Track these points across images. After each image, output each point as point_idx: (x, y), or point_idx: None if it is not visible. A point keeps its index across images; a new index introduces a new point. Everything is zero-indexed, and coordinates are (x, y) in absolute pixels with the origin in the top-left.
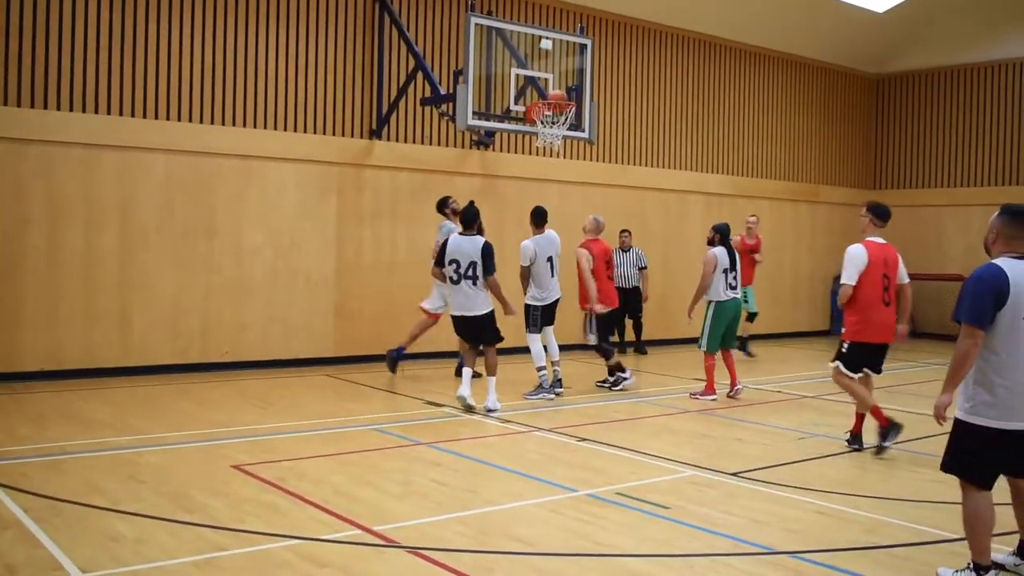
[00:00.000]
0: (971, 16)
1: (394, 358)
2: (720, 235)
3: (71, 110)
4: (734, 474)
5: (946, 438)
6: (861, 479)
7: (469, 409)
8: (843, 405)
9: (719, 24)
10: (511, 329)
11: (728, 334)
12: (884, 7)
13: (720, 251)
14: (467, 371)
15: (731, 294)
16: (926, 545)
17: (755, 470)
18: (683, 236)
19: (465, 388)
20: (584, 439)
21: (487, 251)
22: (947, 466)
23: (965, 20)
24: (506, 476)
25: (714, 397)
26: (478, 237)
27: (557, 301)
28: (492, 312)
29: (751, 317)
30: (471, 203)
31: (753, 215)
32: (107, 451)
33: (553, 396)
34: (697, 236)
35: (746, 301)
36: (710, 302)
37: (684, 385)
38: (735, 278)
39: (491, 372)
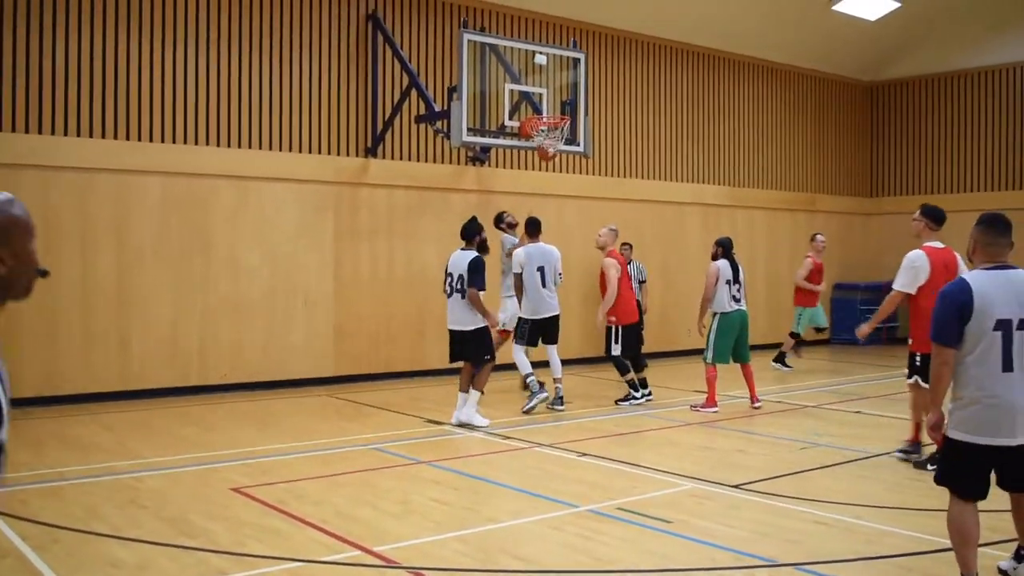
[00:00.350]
0: (963, 22)
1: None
2: (723, 248)
3: (65, 135)
4: (735, 486)
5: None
6: (863, 489)
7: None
8: (843, 414)
9: (712, 36)
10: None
11: (740, 347)
12: (876, 15)
13: (723, 263)
14: (461, 396)
15: (735, 306)
16: (928, 554)
17: (756, 482)
18: (681, 248)
19: (460, 412)
20: (585, 454)
21: (472, 265)
22: (937, 479)
23: (957, 26)
24: (506, 493)
25: (715, 409)
26: (470, 251)
27: (555, 318)
28: (482, 330)
29: (820, 330)
30: (472, 218)
31: (820, 234)
32: (106, 476)
33: (547, 395)
34: (695, 248)
35: (812, 320)
36: (715, 314)
37: (685, 398)
38: (739, 290)
39: (476, 386)
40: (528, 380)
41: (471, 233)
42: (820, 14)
